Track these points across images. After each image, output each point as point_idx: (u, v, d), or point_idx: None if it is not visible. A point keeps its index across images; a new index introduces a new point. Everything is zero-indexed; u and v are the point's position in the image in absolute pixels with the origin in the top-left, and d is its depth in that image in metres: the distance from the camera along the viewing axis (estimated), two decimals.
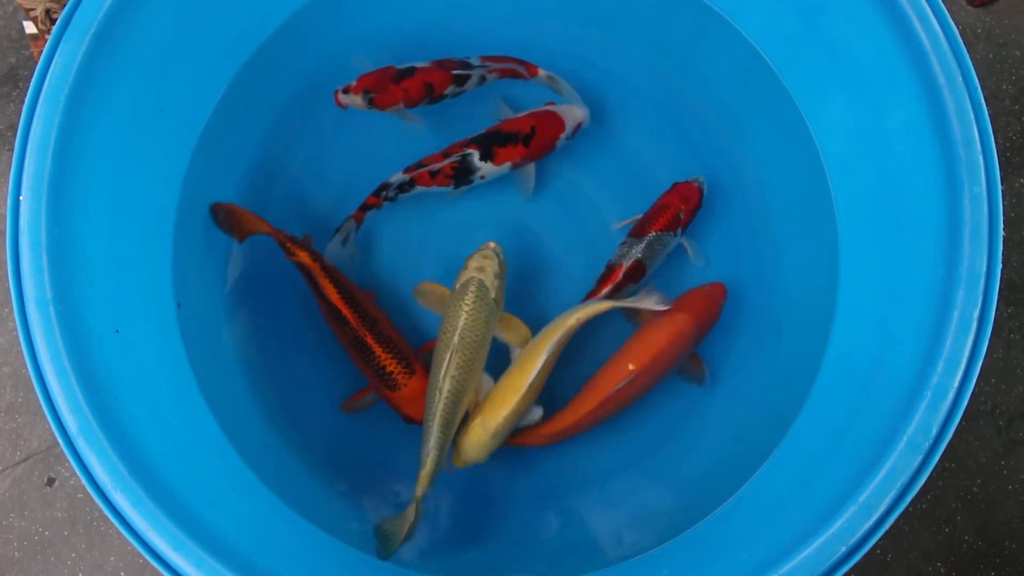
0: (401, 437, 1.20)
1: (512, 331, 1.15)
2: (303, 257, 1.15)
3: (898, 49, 1.00)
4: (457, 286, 1.11)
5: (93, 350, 0.93)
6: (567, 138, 1.24)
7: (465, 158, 1.20)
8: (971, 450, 1.51)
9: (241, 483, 1.00)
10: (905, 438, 0.89)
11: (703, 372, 1.18)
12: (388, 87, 1.16)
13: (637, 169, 1.31)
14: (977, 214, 0.93)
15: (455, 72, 1.18)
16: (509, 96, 1.31)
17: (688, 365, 1.17)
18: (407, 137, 1.27)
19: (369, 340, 1.12)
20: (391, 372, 1.12)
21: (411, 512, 1.03)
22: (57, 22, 0.99)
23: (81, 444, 0.88)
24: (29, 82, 1.61)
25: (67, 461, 1.46)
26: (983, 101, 0.96)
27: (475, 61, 1.20)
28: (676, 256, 1.27)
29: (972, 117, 0.95)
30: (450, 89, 1.19)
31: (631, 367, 1.10)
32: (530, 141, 1.21)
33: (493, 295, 1.10)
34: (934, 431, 0.89)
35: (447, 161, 1.19)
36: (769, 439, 1.05)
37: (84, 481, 0.88)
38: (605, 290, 1.18)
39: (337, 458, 1.18)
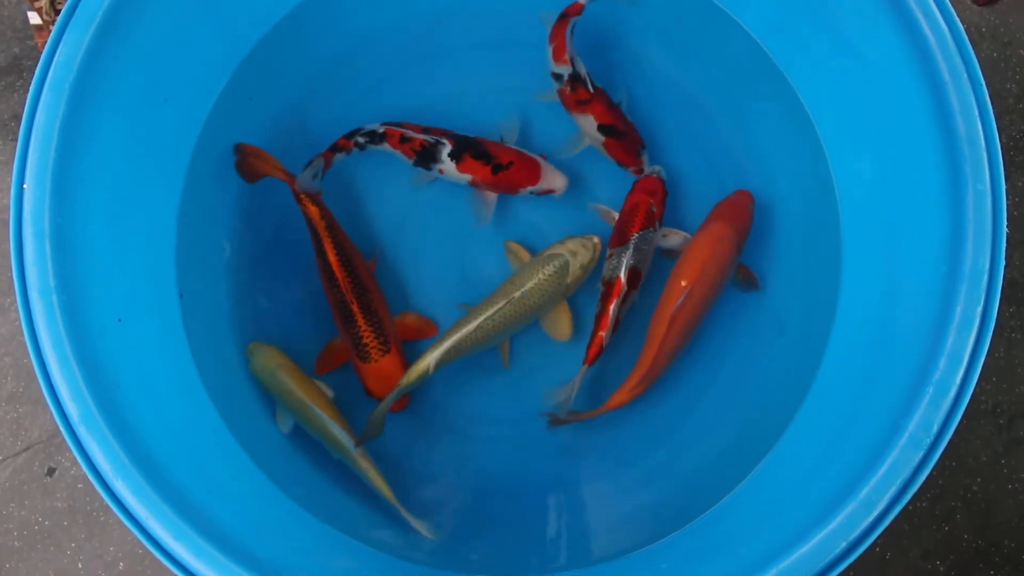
0: (403, 427, 1.20)
1: (558, 322, 1.20)
2: (312, 212, 1.17)
3: (903, 46, 1.00)
4: (545, 254, 1.17)
5: (95, 339, 0.93)
6: (532, 192, 1.23)
7: (437, 144, 1.20)
8: (971, 449, 1.51)
9: (241, 472, 1.01)
10: (906, 434, 0.89)
11: (754, 279, 1.21)
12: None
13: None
14: (981, 211, 0.93)
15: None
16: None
17: (738, 275, 1.20)
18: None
19: (354, 307, 1.14)
20: (366, 344, 1.14)
21: (390, 396, 1.09)
22: (61, 12, 0.99)
23: (83, 432, 0.89)
24: (33, 73, 1.62)
25: (68, 451, 1.47)
26: (988, 98, 0.95)
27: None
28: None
29: (977, 114, 0.95)
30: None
31: (683, 283, 1.13)
32: (499, 171, 1.20)
33: (569, 280, 1.15)
34: (935, 427, 0.89)
35: (420, 137, 1.20)
36: (770, 434, 1.05)
37: (85, 469, 0.88)
38: (612, 305, 1.15)
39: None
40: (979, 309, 0.91)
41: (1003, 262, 0.92)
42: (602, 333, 1.15)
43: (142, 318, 1.01)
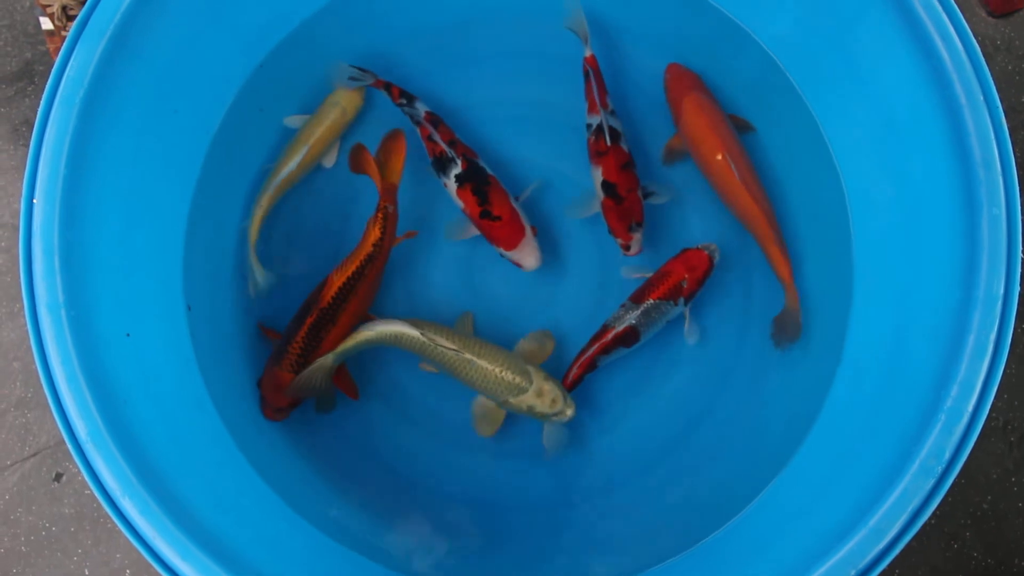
0: (413, 446, 1.20)
1: (483, 424, 1.17)
2: (372, 234, 1.15)
3: (919, 67, 0.99)
4: (527, 366, 1.12)
5: (103, 354, 0.94)
6: (502, 255, 1.21)
7: (452, 160, 1.20)
8: (981, 466, 1.50)
9: (249, 489, 1.01)
10: (918, 461, 0.88)
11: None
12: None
13: (652, 178, 1.30)
14: (996, 236, 0.92)
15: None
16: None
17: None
18: (419, 145, 1.27)
19: (308, 321, 1.12)
20: (287, 352, 1.12)
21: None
22: (74, 24, 0.99)
23: (90, 449, 0.89)
24: (44, 78, 1.62)
25: (71, 451, 1.47)
26: (1004, 121, 0.95)
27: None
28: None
29: (992, 137, 0.94)
30: None
31: (719, 157, 1.16)
32: (485, 218, 1.18)
33: (514, 401, 1.11)
34: (947, 455, 0.88)
35: (443, 145, 1.20)
36: (777, 458, 1.05)
37: (93, 487, 0.88)
38: (591, 350, 1.17)
39: (347, 465, 1.18)
40: (993, 336, 0.90)
41: (1017, 288, 0.91)
42: (576, 371, 1.18)
43: (150, 332, 1.01)
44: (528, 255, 1.19)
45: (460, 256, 1.29)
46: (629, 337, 1.17)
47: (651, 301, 1.16)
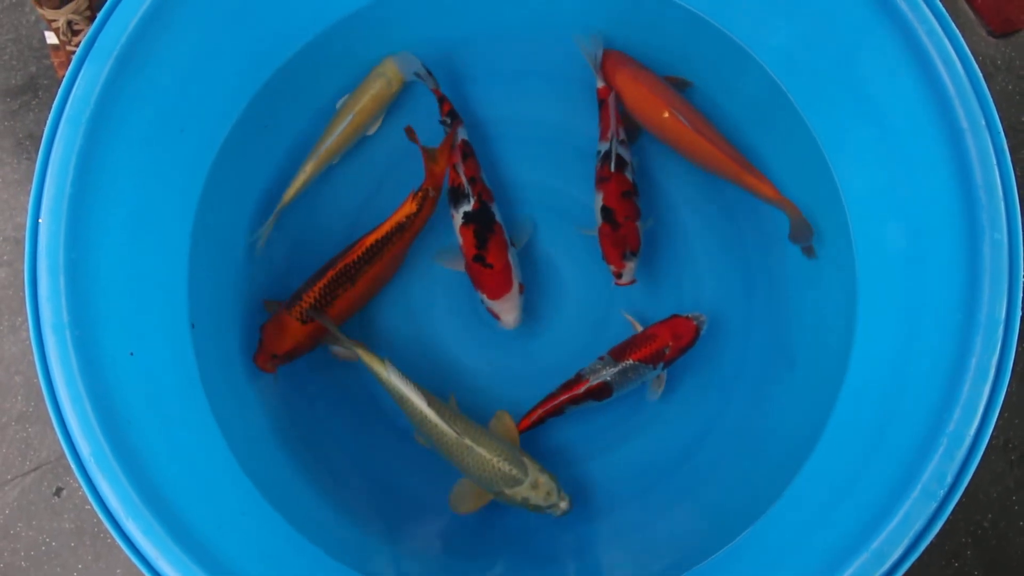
0: (417, 466, 1.19)
1: (463, 500, 1.14)
2: (410, 207, 1.19)
3: (920, 90, 1.00)
4: (521, 457, 1.10)
5: (107, 374, 0.94)
6: (482, 303, 1.20)
7: (468, 196, 1.19)
8: (982, 484, 1.50)
9: (253, 509, 1.00)
10: (920, 485, 0.89)
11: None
12: None
13: (653, 195, 1.31)
14: (997, 260, 0.92)
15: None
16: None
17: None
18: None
19: (329, 275, 1.16)
20: (300, 301, 1.15)
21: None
22: (82, 43, 0.99)
23: (93, 468, 0.89)
24: (48, 91, 1.63)
25: (75, 472, 1.47)
26: (1005, 145, 0.95)
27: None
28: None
29: (994, 162, 0.94)
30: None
31: (666, 115, 1.19)
32: (476, 262, 1.18)
33: (508, 492, 1.09)
34: (949, 479, 0.89)
35: (464, 179, 1.20)
36: (778, 480, 1.04)
37: (96, 506, 0.88)
38: (562, 397, 1.16)
39: (351, 485, 1.18)
40: (994, 360, 0.91)
41: (1019, 312, 0.92)
42: (540, 413, 1.17)
43: (154, 351, 1.01)
44: (509, 311, 1.19)
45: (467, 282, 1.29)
46: (602, 392, 1.16)
47: (631, 362, 1.15)
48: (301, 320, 1.15)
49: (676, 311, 1.19)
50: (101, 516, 0.87)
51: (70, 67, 0.98)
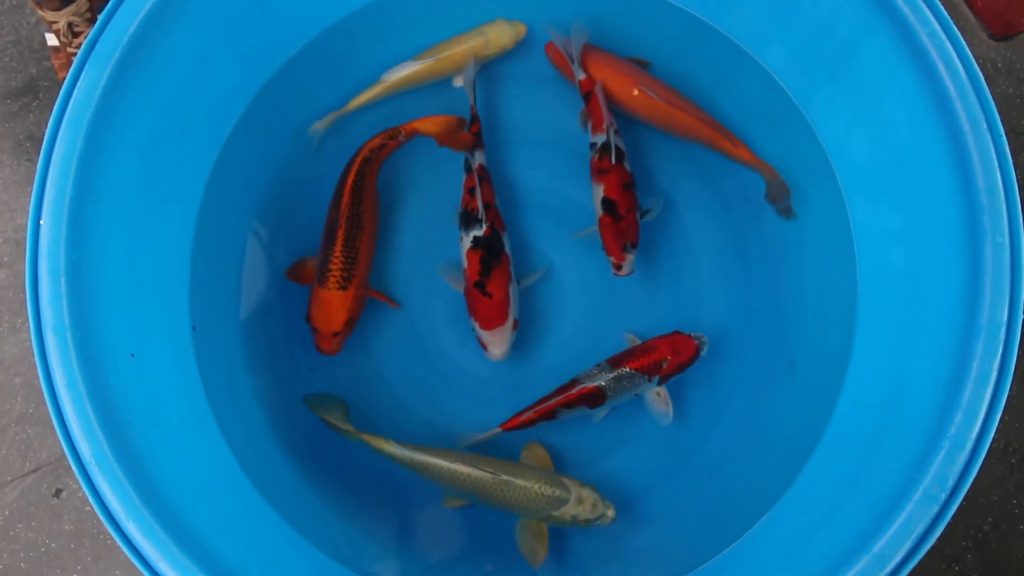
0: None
1: (535, 550, 1.11)
2: (376, 140, 1.19)
3: (921, 93, 1.00)
4: (561, 477, 1.09)
5: (108, 375, 0.94)
6: (472, 327, 1.19)
7: (480, 222, 1.19)
8: (982, 487, 1.50)
9: (253, 511, 1.00)
10: (921, 489, 0.89)
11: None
12: None
13: (651, 190, 1.31)
14: (999, 263, 0.92)
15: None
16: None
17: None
18: (427, 167, 1.27)
19: (340, 233, 1.15)
20: (331, 270, 1.14)
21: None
22: (83, 46, 0.99)
23: (94, 469, 0.89)
24: (49, 93, 1.63)
25: (75, 473, 1.47)
26: (1007, 149, 0.95)
27: None
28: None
29: (996, 165, 0.94)
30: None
31: (635, 92, 1.22)
32: (475, 288, 1.17)
33: (556, 514, 1.08)
34: (951, 482, 0.89)
35: (480, 204, 1.19)
36: (778, 483, 1.04)
37: (96, 508, 0.88)
38: (554, 400, 1.15)
39: (351, 487, 1.18)
40: (996, 363, 0.90)
41: (1021, 315, 0.92)
42: (530, 415, 1.15)
43: (155, 352, 1.01)
44: (497, 344, 1.18)
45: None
46: (595, 398, 1.14)
47: (627, 369, 1.14)
48: (341, 287, 1.14)
49: (677, 321, 1.19)
50: (101, 517, 0.87)
51: (71, 69, 0.98)
